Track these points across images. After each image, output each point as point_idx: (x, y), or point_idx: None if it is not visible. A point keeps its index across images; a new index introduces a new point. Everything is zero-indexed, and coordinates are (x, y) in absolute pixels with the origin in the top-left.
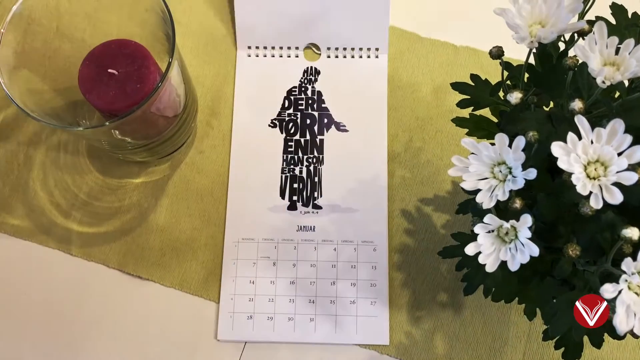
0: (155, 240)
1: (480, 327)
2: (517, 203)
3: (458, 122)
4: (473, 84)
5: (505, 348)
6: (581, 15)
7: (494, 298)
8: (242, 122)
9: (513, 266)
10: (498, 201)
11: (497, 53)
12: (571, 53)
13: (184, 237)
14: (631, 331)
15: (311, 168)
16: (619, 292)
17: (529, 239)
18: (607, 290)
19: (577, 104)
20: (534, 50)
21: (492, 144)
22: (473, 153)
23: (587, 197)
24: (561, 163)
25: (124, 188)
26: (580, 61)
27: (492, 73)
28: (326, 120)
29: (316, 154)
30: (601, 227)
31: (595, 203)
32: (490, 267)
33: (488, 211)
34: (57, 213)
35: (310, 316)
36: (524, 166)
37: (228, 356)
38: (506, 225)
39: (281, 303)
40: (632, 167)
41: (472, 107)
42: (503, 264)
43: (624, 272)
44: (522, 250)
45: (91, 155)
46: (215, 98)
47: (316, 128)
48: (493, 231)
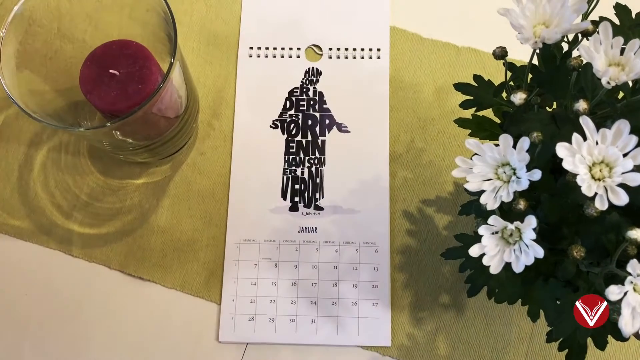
0: (156, 241)
1: (482, 329)
2: (521, 204)
3: (461, 123)
4: (476, 85)
5: (507, 349)
6: (585, 15)
7: (497, 299)
8: (244, 123)
9: (517, 268)
10: (502, 202)
11: (501, 53)
12: (574, 53)
13: (185, 238)
14: (636, 333)
15: (313, 169)
16: (625, 294)
17: (534, 241)
18: (613, 292)
19: (582, 105)
20: (537, 50)
21: (496, 145)
22: (476, 154)
23: (592, 199)
24: (566, 164)
25: (125, 189)
26: (584, 62)
27: (494, 74)
28: (328, 121)
29: (318, 155)
30: (606, 229)
31: (600, 204)
32: (494, 269)
33: (492, 212)
34: (58, 214)
35: (312, 318)
36: (528, 167)
37: (229, 358)
38: (510, 226)
39: (283, 304)
40: (638, 168)
41: (475, 108)
42: (507, 266)
43: (629, 274)
44: (527, 251)
45: (92, 156)
46: (216, 99)
47: (318, 129)
48: (497, 232)
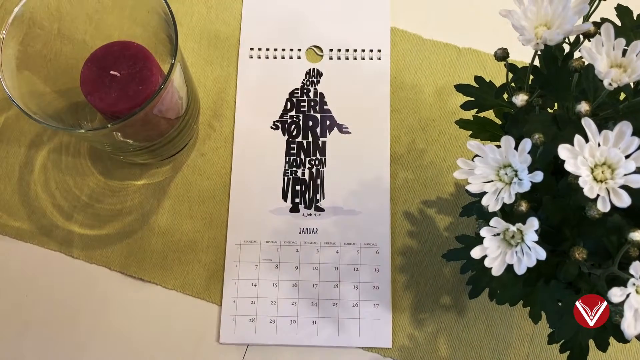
0: (157, 242)
1: (483, 330)
2: (523, 206)
3: (462, 124)
4: (477, 86)
5: (508, 351)
6: (586, 17)
7: (499, 301)
8: (244, 124)
9: (519, 270)
10: (503, 204)
11: (502, 55)
12: (576, 55)
13: (186, 239)
14: (639, 335)
15: (313, 170)
16: (627, 296)
17: (535, 242)
18: (616, 294)
19: (584, 106)
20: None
21: (497, 147)
22: (478, 155)
23: (594, 200)
24: (568, 166)
25: (126, 190)
26: (586, 63)
27: (495, 75)
28: (328, 122)
29: (318, 156)
30: (608, 230)
31: (602, 206)
32: (496, 271)
33: (493, 214)
34: (59, 215)
35: (312, 319)
36: (530, 169)
37: (230, 359)
38: (512, 228)
39: (283, 306)
40: None
41: (476, 109)
42: (508, 267)
43: (632, 276)
44: (529, 253)
45: (93, 157)
46: (217, 100)
47: (318, 130)
48: (499, 234)
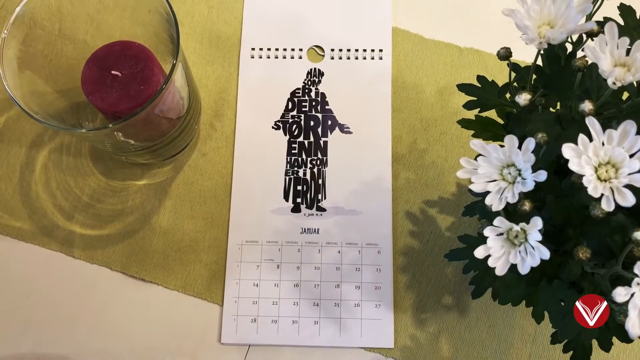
0: (158, 242)
1: (485, 330)
2: (527, 205)
3: (464, 124)
4: (479, 86)
5: (510, 351)
6: (589, 16)
7: (501, 301)
8: (246, 124)
9: (523, 269)
10: (507, 203)
11: (505, 54)
12: (579, 54)
13: (187, 240)
14: None
15: (315, 170)
16: (632, 296)
17: (539, 242)
18: (620, 294)
19: (587, 106)
20: (542, 51)
21: (501, 146)
22: (481, 155)
23: (598, 200)
24: (572, 165)
25: (127, 190)
26: (589, 62)
27: (497, 75)
28: (330, 122)
29: (320, 156)
30: (611, 230)
31: (607, 206)
32: (500, 271)
33: (496, 214)
34: (60, 215)
35: (314, 319)
36: (533, 168)
37: (231, 359)
38: (516, 228)
39: (285, 306)
40: None
41: (478, 109)
42: (511, 267)
43: (636, 276)
44: (532, 253)
45: (94, 157)
46: (218, 100)
47: (320, 130)
48: (502, 234)
